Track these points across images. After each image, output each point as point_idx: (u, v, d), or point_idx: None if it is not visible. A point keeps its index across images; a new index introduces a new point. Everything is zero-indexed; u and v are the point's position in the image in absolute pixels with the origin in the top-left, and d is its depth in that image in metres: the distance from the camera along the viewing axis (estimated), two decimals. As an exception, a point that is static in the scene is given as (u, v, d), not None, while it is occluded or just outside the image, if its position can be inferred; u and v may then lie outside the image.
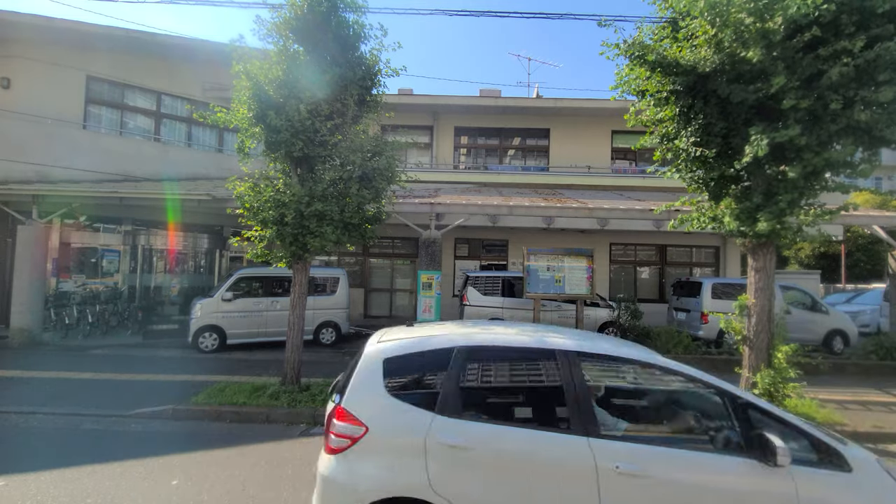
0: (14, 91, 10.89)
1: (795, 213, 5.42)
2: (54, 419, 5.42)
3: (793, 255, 24.25)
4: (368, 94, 6.40)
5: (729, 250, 14.05)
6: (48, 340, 9.78)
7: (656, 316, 11.28)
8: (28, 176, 10.36)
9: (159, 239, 12.50)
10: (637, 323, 9.33)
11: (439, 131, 15.17)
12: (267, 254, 6.19)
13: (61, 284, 10.99)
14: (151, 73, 12.20)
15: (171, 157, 12.32)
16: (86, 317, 10.46)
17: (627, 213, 9.88)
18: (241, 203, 6.14)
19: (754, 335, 5.88)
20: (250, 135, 6.17)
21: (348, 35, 6.04)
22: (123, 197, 9.96)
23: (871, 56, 4.52)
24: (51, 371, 7.38)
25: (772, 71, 4.90)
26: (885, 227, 9.66)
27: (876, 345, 9.07)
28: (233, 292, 9.50)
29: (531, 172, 14.82)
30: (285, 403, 5.75)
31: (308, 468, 4.25)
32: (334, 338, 10.31)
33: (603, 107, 14.10)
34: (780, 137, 4.91)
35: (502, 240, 14.26)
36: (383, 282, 14.67)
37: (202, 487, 3.84)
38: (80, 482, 3.88)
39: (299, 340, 6.38)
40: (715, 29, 5.03)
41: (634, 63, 5.72)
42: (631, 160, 15.34)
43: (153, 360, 8.47)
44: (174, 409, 5.67)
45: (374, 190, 6.48)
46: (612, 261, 14.28)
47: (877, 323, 13.04)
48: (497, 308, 10.11)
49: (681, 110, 5.79)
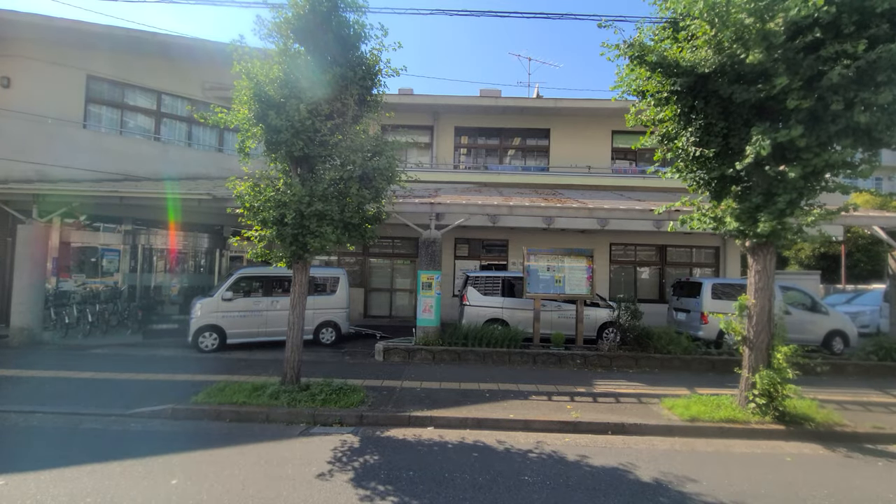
0: (14, 90, 10.89)
1: (795, 214, 5.42)
2: (54, 418, 5.42)
3: (793, 255, 24.23)
4: (369, 94, 6.39)
5: (729, 251, 14.05)
6: (48, 340, 9.78)
7: (656, 316, 11.27)
8: (28, 175, 10.36)
9: (159, 238, 12.51)
10: (637, 323, 9.31)
11: (439, 131, 15.17)
12: (267, 253, 6.18)
13: (61, 284, 11.00)
14: (152, 73, 12.20)
15: (171, 157, 12.32)
16: (86, 316, 10.47)
17: (627, 214, 9.87)
18: (241, 203, 6.13)
19: (754, 335, 5.88)
20: (251, 135, 6.16)
21: (349, 35, 6.04)
22: (123, 196, 9.96)
23: (871, 57, 4.52)
24: (50, 370, 7.38)
25: (773, 72, 4.90)
26: (885, 227, 9.65)
27: (876, 345, 9.06)
28: (233, 292, 9.50)
29: (531, 172, 14.81)
30: (285, 403, 5.76)
31: (308, 467, 4.25)
32: (334, 337, 10.31)
33: (603, 107, 14.10)
34: (781, 137, 4.92)
35: (502, 240, 14.26)
36: (383, 282, 14.67)
37: (202, 487, 3.84)
38: (80, 481, 3.88)
39: (299, 340, 6.38)
40: (715, 29, 5.03)
41: (635, 63, 5.73)
42: (631, 160, 15.33)
43: (153, 359, 8.47)
44: (174, 408, 5.67)
45: (374, 190, 6.48)
46: (612, 261, 14.28)
47: (877, 324, 13.04)
48: (497, 308, 10.11)
49: (681, 110, 5.79)
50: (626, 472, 4.37)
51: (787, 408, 5.70)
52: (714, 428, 5.53)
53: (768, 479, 4.34)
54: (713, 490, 4.06)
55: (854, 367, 8.68)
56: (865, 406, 6.65)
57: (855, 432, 5.55)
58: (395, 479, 4.07)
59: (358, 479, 4.05)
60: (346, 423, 5.51)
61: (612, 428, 5.51)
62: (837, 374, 8.44)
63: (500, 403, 6.18)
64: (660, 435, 5.46)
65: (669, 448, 5.12)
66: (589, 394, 6.86)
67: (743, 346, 6.04)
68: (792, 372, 5.57)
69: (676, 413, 5.87)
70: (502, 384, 7.13)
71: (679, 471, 4.45)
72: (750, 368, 5.90)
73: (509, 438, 5.20)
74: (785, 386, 5.60)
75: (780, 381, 5.57)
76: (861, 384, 7.94)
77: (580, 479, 4.18)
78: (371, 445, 4.90)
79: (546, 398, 6.54)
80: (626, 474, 4.33)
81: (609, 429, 5.50)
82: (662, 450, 5.06)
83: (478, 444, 5.00)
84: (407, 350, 8.85)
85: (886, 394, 7.38)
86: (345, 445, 4.86)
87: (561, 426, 5.53)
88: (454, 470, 4.29)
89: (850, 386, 7.77)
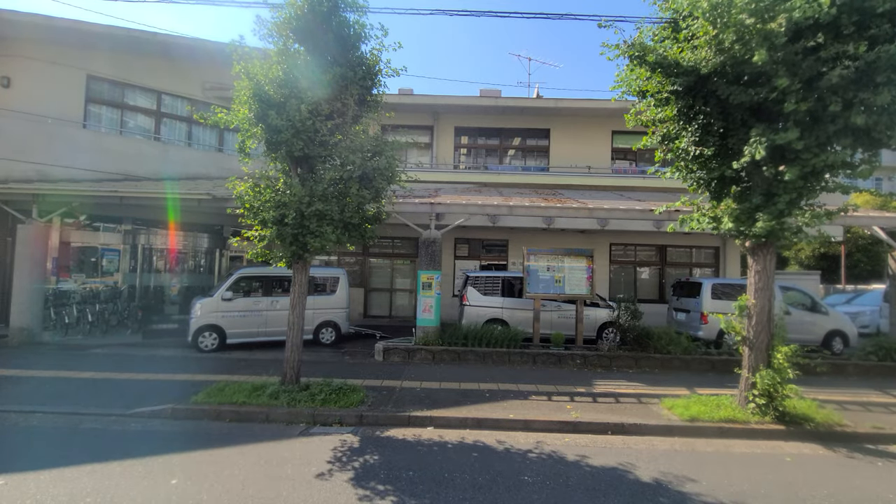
0: (14, 90, 10.89)
1: (795, 214, 5.42)
2: (54, 418, 5.42)
3: (793, 255, 24.23)
4: (369, 94, 6.39)
5: (729, 251, 14.05)
6: (48, 339, 9.78)
7: (656, 316, 11.27)
8: (28, 175, 10.36)
9: (159, 238, 12.50)
10: (637, 323, 9.31)
11: (439, 131, 15.17)
12: (267, 253, 6.18)
13: (61, 283, 10.99)
14: (152, 73, 12.21)
15: (171, 157, 12.32)
16: (85, 316, 10.47)
17: (627, 214, 9.87)
18: (241, 203, 6.13)
19: (754, 336, 5.88)
20: (251, 135, 6.16)
21: (349, 35, 6.04)
22: (123, 196, 9.96)
23: (871, 58, 4.52)
24: (50, 370, 7.38)
25: (773, 73, 4.89)
26: (885, 227, 9.65)
27: (876, 345, 9.05)
28: (233, 292, 9.50)
29: (531, 172, 14.81)
30: (285, 403, 5.75)
31: (307, 467, 4.25)
32: (334, 337, 10.31)
33: (603, 107, 14.10)
34: (779, 140, 4.92)
35: (502, 240, 14.26)
36: (383, 282, 14.67)
37: (201, 487, 3.84)
38: (80, 481, 3.88)
39: (299, 340, 6.38)
40: (716, 30, 5.03)
41: (635, 63, 5.73)
42: (631, 160, 15.34)
43: (153, 359, 8.47)
44: (174, 408, 5.67)
45: (374, 190, 6.48)
46: (611, 261, 14.28)
47: (876, 324, 13.02)
48: (497, 308, 10.11)
49: (680, 110, 5.79)
50: (626, 473, 4.37)
51: (787, 408, 5.70)
52: (714, 428, 5.53)
53: (768, 480, 4.34)
54: (713, 490, 4.06)
55: (854, 367, 8.67)
56: (865, 406, 6.65)
57: (855, 432, 5.55)
58: (395, 479, 4.07)
59: (357, 479, 4.05)
60: (346, 423, 5.51)
61: (612, 428, 5.51)
62: (837, 375, 8.44)
63: (499, 403, 6.18)
64: (659, 435, 5.46)
65: (669, 448, 5.12)
66: (589, 394, 6.86)
67: (743, 346, 6.03)
68: (792, 372, 5.57)
69: (676, 413, 5.87)
70: (502, 384, 7.14)
71: (679, 471, 4.45)
72: (750, 368, 5.90)
73: (509, 438, 5.20)
74: (785, 386, 5.60)
75: (780, 381, 5.56)
76: (861, 384, 7.94)
77: (580, 480, 4.18)
78: (371, 445, 4.90)
79: (546, 398, 6.54)
80: (625, 474, 4.33)
81: (609, 429, 5.50)
82: (662, 450, 5.06)
83: (478, 444, 5.00)
84: (407, 350, 8.85)
85: (886, 394, 7.37)
86: (344, 445, 4.86)
87: (561, 426, 5.53)
88: (454, 470, 4.29)
89: (850, 386, 7.77)
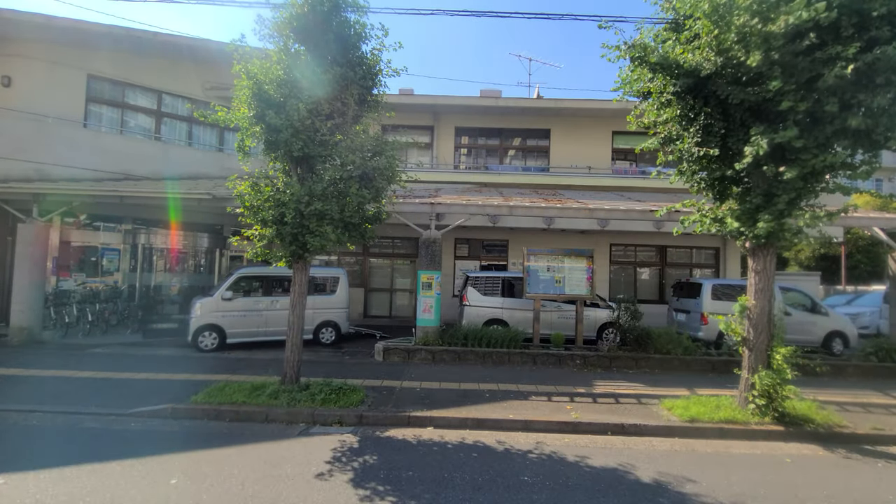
0: (15, 90, 10.89)
1: (795, 215, 5.42)
2: (54, 417, 5.42)
3: (793, 256, 24.22)
4: (369, 94, 6.39)
5: (729, 251, 14.05)
6: (48, 339, 9.78)
7: (656, 317, 11.28)
8: (28, 174, 10.36)
9: (159, 238, 12.49)
10: (637, 324, 9.31)
11: (440, 131, 15.17)
12: (267, 253, 6.18)
13: (61, 283, 10.98)
14: (152, 72, 12.20)
15: (171, 156, 12.32)
16: (86, 315, 10.46)
17: (628, 214, 9.87)
18: (241, 202, 6.13)
19: (754, 336, 5.88)
20: (250, 134, 6.16)
21: (349, 35, 6.04)
22: (124, 195, 9.96)
23: (869, 59, 4.52)
24: (50, 369, 7.38)
25: (768, 74, 4.90)
26: (886, 228, 9.64)
27: (876, 346, 9.05)
28: (232, 291, 9.50)
29: (531, 173, 14.81)
30: (285, 403, 5.75)
31: (307, 467, 4.25)
32: (334, 337, 10.31)
33: (603, 107, 14.09)
34: (779, 138, 4.92)
35: (502, 240, 14.26)
36: (383, 282, 14.67)
37: (201, 486, 3.84)
38: (79, 481, 3.88)
39: (299, 340, 6.38)
40: (718, 30, 5.03)
41: (636, 64, 5.72)
42: (631, 161, 15.34)
43: (153, 358, 8.47)
44: (173, 407, 5.67)
45: (374, 189, 6.48)
46: (612, 261, 14.27)
47: (876, 325, 13.02)
48: (497, 308, 10.11)
49: (682, 111, 5.79)
50: (626, 473, 4.37)
51: (786, 409, 5.70)
52: (713, 429, 5.53)
53: (768, 480, 4.34)
54: (712, 491, 4.05)
55: (854, 368, 8.67)
56: (865, 407, 6.65)
57: (855, 433, 5.55)
58: (395, 479, 4.07)
59: (357, 479, 4.05)
60: (346, 423, 5.51)
61: (612, 428, 5.51)
62: (837, 375, 8.44)
63: (499, 404, 6.18)
64: (659, 436, 5.46)
65: (669, 449, 5.12)
66: (589, 394, 6.85)
67: (742, 346, 6.03)
68: (791, 373, 5.58)
69: (676, 414, 5.87)
70: (502, 384, 7.13)
71: (678, 471, 4.45)
72: (749, 369, 5.90)
73: (509, 439, 5.20)
74: (784, 387, 5.60)
75: (780, 382, 5.57)
76: (861, 385, 7.94)
77: (580, 480, 4.18)
78: (371, 445, 4.89)
79: (546, 398, 6.53)
80: (625, 475, 4.33)
81: (609, 429, 5.50)
82: (662, 450, 5.06)
83: (478, 445, 5.00)
84: (407, 350, 8.85)
85: (886, 395, 7.37)
86: (344, 445, 4.86)
87: (561, 426, 5.53)
88: (454, 470, 4.29)
89: (849, 387, 7.77)
